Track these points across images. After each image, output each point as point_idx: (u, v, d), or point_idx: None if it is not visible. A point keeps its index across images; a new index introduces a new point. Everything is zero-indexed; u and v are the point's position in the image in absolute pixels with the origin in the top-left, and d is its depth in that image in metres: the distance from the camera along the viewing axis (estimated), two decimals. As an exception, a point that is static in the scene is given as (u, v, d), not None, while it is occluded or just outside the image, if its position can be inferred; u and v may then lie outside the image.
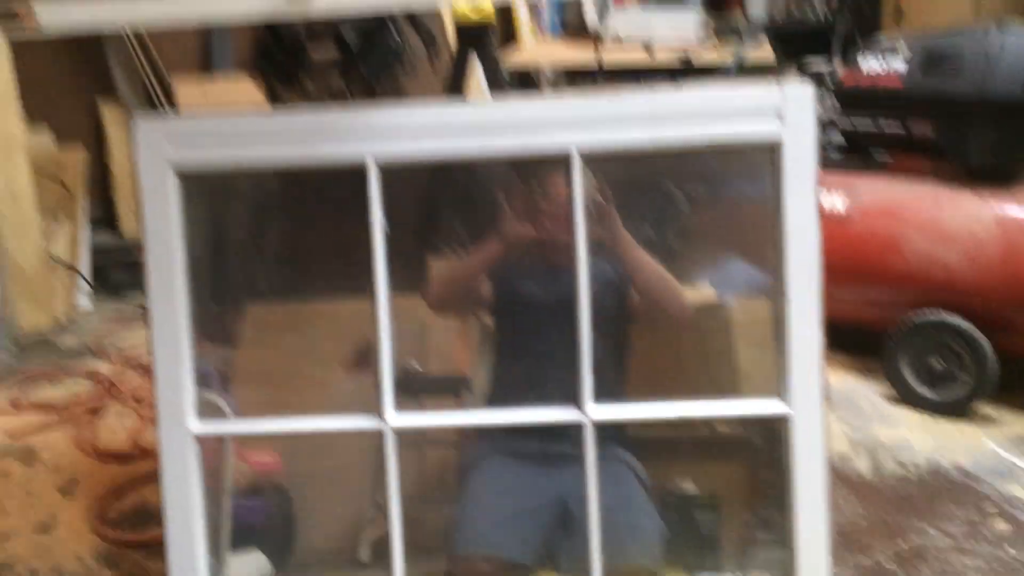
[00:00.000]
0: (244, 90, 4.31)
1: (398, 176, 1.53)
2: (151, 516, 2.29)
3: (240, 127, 1.49)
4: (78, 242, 4.19)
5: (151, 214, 1.51)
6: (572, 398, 1.50)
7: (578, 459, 1.62)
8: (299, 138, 1.49)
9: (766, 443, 1.65)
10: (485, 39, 3.47)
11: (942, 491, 2.29)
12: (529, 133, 1.47)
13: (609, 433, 1.65)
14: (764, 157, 1.48)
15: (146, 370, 3.41)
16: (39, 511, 2.35)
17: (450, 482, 1.80)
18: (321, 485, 1.83)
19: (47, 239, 3.98)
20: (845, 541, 2.05)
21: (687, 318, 1.67)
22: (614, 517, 1.64)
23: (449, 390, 1.78)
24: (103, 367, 3.49)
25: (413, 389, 1.69)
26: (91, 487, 2.47)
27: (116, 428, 2.88)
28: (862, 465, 2.45)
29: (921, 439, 2.58)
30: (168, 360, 1.52)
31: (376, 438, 1.52)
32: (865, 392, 2.88)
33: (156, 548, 2.12)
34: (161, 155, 1.49)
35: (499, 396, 1.71)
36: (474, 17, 3.43)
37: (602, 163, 1.51)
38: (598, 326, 1.59)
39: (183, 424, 1.52)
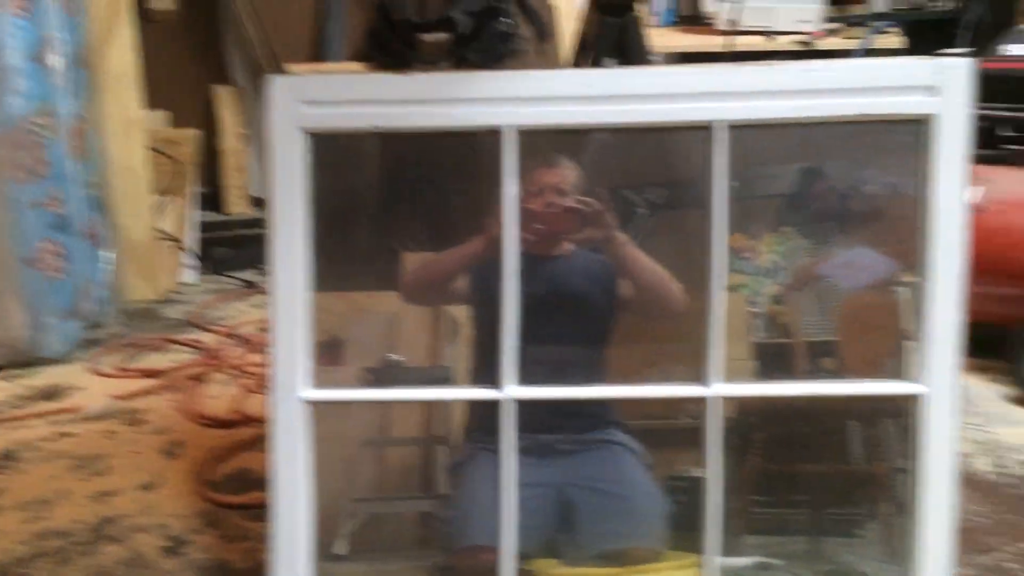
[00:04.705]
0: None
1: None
2: (251, 480, 2.31)
3: (373, 88, 1.48)
4: (185, 218, 4.28)
5: (279, 173, 1.49)
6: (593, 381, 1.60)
7: (571, 451, 1.69)
8: (432, 101, 1.47)
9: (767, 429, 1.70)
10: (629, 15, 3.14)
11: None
12: (671, 102, 1.43)
13: (608, 418, 1.68)
14: (908, 136, 1.44)
15: (246, 342, 3.46)
16: (144, 471, 2.39)
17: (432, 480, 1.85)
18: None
19: (157, 214, 4.08)
20: (966, 540, 1.93)
21: (682, 310, 1.65)
22: (616, 501, 1.65)
23: (432, 380, 1.78)
24: (206, 338, 3.56)
25: (397, 380, 1.72)
26: (194, 450, 2.50)
27: (218, 396, 2.93)
28: (983, 464, 2.33)
29: (1046, 441, 2.44)
30: (287, 320, 1.51)
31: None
32: (986, 393, 2.75)
33: (256, 510, 2.14)
34: (292, 114, 1.47)
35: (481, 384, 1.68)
36: None
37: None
38: (588, 316, 1.68)
39: (295, 391, 1.51)
